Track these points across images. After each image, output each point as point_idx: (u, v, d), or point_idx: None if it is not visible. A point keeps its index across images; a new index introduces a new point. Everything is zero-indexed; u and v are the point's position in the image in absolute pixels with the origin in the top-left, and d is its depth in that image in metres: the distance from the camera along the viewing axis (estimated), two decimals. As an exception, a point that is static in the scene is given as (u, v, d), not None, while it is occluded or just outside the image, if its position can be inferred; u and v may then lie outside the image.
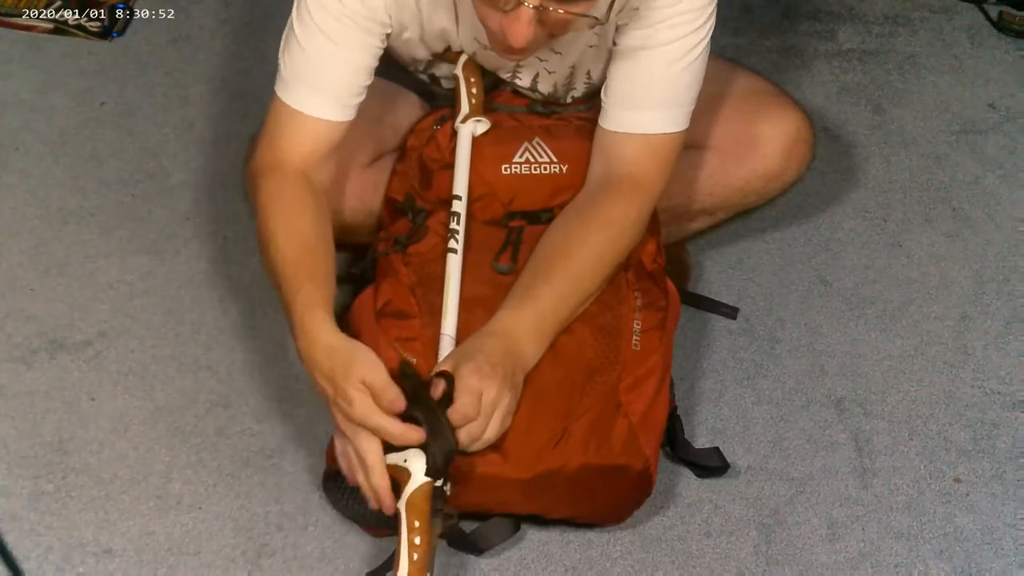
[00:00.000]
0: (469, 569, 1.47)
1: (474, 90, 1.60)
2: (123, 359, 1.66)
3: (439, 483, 1.34)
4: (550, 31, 1.38)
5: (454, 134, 1.61)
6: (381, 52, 1.50)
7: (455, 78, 1.62)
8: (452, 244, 1.52)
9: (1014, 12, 2.23)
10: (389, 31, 1.49)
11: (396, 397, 1.31)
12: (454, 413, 1.35)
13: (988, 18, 2.24)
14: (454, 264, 1.51)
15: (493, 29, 1.39)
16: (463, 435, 1.36)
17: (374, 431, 1.32)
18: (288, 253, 1.42)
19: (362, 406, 1.31)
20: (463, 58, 1.61)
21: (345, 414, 1.33)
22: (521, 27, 1.32)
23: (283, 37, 1.49)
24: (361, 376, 1.31)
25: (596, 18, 1.35)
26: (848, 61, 2.15)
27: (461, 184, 1.56)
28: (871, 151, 2.01)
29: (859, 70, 2.14)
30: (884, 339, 1.76)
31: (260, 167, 1.50)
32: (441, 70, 1.66)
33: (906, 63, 2.15)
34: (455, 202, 1.55)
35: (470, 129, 1.59)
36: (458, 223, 1.53)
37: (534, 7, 1.31)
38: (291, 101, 1.48)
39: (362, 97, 1.50)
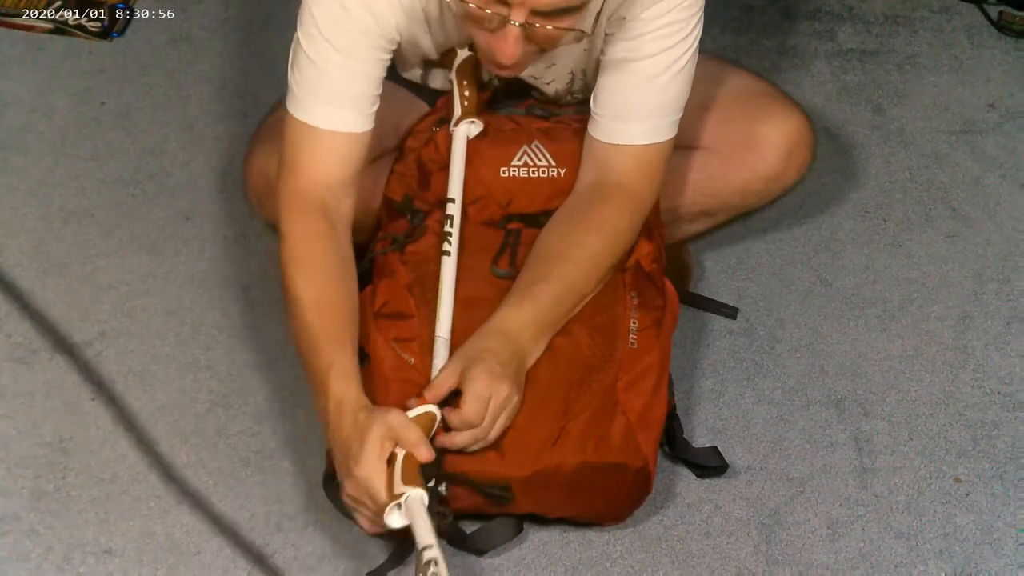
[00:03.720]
0: (469, 569, 1.47)
1: (467, 92, 1.60)
2: (123, 359, 1.66)
3: (432, 484, 1.36)
4: (539, 47, 1.38)
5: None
6: (389, 63, 1.47)
7: (450, 82, 1.62)
8: (446, 247, 1.52)
9: (1014, 12, 2.22)
10: (396, 45, 1.47)
11: (430, 452, 1.34)
12: (457, 418, 1.37)
13: (988, 18, 2.24)
14: (448, 267, 1.50)
15: (481, 47, 1.40)
16: (467, 437, 1.38)
17: (367, 488, 1.33)
18: (316, 323, 1.39)
19: (370, 459, 1.32)
20: (457, 61, 1.60)
21: (355, 460, 1.33)
22: (508, 46, 1.33)
23: (291, 54, 1.45)
24: (389, 427, 1.32)
25: (583, 31, 1.37)
26: (848, 61, 2.15)
27: (456, 187, 1.55)
28: (871, 151, 2.01)
29: (859, 70, 2.13)
30: (884, 339, 1.76)
31: (282, 198, 1.46)
32: (436, 80, 1.66)
33: (906, 63, 2.15)
34: (449, 205, 1.54)
35: (464, 132, 1.59)
36: (451, 225, 1.53)
37: (520, 25, 1.30)
38: (308, 118, 1.43)
39: (377, 106, 1.46)
